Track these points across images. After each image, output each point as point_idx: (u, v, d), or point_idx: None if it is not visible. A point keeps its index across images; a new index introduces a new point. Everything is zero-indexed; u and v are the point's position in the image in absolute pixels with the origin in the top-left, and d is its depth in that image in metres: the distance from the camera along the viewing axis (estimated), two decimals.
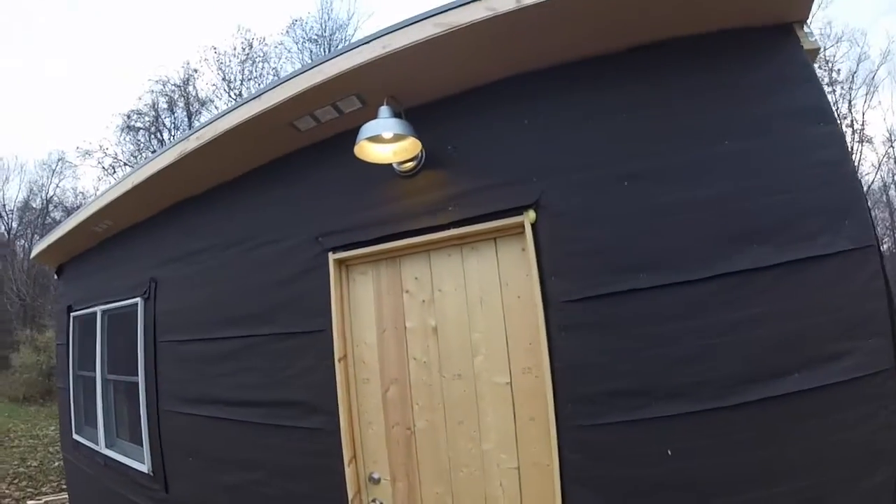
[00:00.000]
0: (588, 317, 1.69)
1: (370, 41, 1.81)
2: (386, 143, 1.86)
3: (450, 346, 1.97)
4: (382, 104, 1.82)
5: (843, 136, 1.61)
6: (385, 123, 1.74)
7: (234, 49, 20.22)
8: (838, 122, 1.66)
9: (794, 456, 1.47)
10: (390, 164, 2.01)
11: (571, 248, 1.73)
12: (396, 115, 1.84)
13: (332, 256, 2.21)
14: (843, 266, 1.50)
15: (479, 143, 1.94)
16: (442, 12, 1.69)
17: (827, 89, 16.22)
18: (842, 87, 16.31)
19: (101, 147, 19.30)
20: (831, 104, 1.66)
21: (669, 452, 1.56)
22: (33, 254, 4.90)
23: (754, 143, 1.59)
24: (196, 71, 19.65)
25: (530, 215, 1.77)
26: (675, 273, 1.60)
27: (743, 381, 1.52)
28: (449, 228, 1.93)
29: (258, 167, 2.62)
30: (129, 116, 19.01)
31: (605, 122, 1.75)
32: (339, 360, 2.13)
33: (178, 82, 19.35)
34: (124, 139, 19.35)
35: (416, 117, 1.94)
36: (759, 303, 1.53)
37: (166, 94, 19.27)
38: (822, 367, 1.47)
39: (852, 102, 16.30)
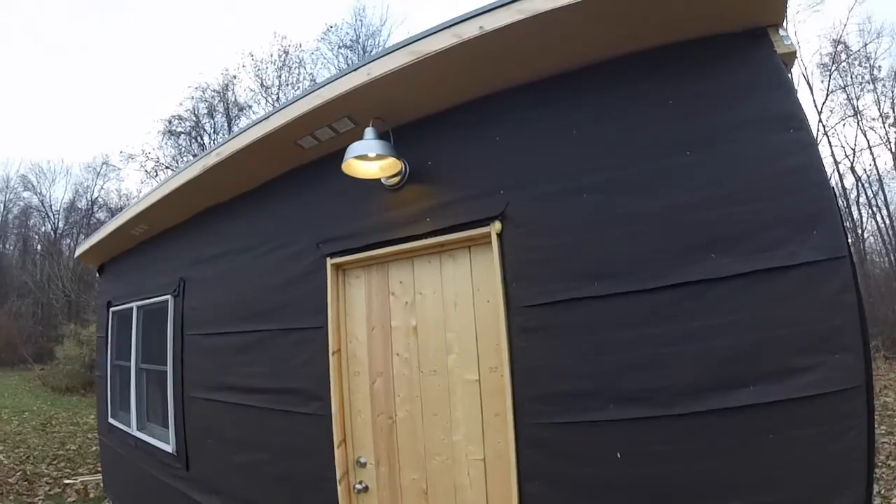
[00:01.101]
0: (545, 321, 1.77)
1: (357, 69, 1.98)
2: (372, 160, 2.05)
3: (427, 344, 2.15)
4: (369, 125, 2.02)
5: (813, 142, 1.54)
6: (368, 144, 1.93)
7: (271, 56, 21.01)
8: (810, 127, 1.55)
9: (752, 470, 1.44)
10: (380, 179, 2.21)
11: (532, 256, 1.83)
12: (382, 135, 2.04)
13: (329, 261, 2.42)
14: (808, 278, 1.44)
15: (454, 159, 2.09)
16: (415, 41, 1.83)
17: (867, 87, 15.39)
18: (883, 85, 15.25)
19: (143, 151, 20.50)
20: (803, 108, 1.57)
21: (619, 455, 1.60)
22: (77, 254, 5.26)
23: (718, 151, 1.57)
24: (235, 77, 20.52)
25: (496, 226, 1.90)
26: (631, 282, 1.63)
27: (697, 391, 1.50)
28: (428, 237, 2.09)
29: (271, 180, 2.87)
30: (170, 122, 20.07)
31: (568, 136, 1.82)
32: (334, 354, 2.34)
33: (217, 88, 20.28)
34: (166, 143, 20.41)
35: (401, 136, 2.15)
36: (717, 313, 1.51)
37: (206, 101, 20.19)
38: (782, 382, 1.42)
39: (895, 100, 15.24)
